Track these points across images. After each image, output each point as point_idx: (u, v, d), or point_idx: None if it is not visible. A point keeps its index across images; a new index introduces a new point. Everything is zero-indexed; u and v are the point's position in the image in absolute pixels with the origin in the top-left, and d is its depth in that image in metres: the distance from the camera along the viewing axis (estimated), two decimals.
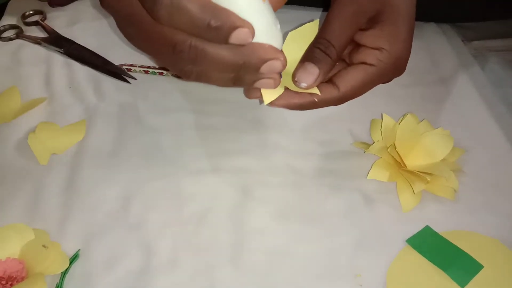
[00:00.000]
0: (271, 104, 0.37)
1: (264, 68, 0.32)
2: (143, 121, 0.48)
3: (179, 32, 0.30)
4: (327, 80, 0.39)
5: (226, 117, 0.49)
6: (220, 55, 0.31)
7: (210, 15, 0.29)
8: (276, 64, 0.32)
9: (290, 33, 0.38)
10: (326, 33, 0.37)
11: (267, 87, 0.35)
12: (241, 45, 0.31)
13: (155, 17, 0.30)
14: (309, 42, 0.38)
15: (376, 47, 0.38)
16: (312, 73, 0.36)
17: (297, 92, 0.37)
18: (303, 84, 0.36)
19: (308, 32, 0.38)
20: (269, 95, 0.36)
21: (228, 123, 0.48)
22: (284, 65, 0.33)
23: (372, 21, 0.38)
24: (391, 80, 0.40)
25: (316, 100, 0.38)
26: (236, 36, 0.30)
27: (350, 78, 0.38)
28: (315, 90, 0.37)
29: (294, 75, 0.37)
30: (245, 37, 0.30)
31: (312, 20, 0.38)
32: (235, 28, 0.29)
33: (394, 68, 0.39)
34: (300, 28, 0.38)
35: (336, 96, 0.38)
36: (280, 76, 0.36)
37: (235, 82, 0.34)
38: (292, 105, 0.38)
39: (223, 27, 0.29)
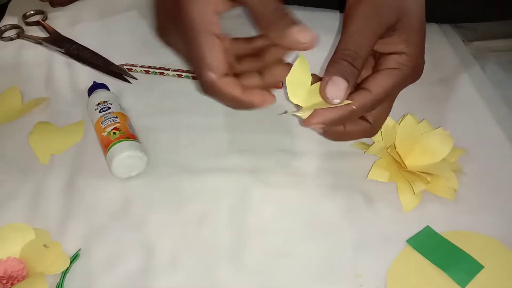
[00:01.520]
0: (310, 125, 0.37)
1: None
2: (143, 120, 0.48)
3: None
4: (355, 89, 0.38)
5: (226, 117, 0.49)
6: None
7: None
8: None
9: (286, 79, 0.38)
10: (352, 43, 0.36)
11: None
12: None
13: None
14: (305, 74, 0.38)
15: (395, 52, 0.38)
16: (342, 88, 0.35)
17: (332, 107, 0.37)
18: (336, 101, 0.36)
19: (299, 68, 0.38)
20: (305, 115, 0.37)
21: (228, 123, 0.48)
22: None
23: (391, 29, 0.38)
24: (409, 84, 0.40)
25: (354, 107, 0.37)
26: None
27: (379, 81, 0.37)
28: (346, 102, 0.37)
29: (324, 92, 0.36)
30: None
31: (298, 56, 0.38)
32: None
33: (414, 73, 0.39)
34: (291, 70, 0.37)
35: (370, 99, 0.37)
36: None
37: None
38: (331, 120, 0.37)
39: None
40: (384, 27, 0.37)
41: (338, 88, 0.36)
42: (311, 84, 0.38)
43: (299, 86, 0.38)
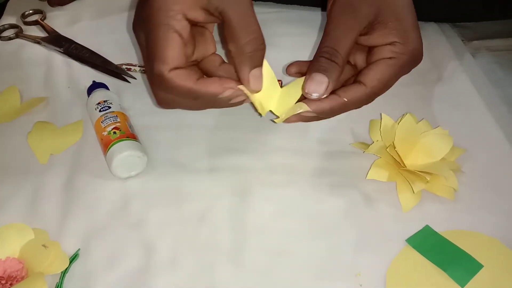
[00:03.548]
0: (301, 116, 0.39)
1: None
2: (142, 120, 0.48)
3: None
4: (353, 82, 0.39)
5: (225, 116, 0.49)
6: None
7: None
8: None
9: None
10: (328, 41, 0.38)
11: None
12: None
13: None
14: (271, 80, 0.39)
15: (388, 43, 0.38)
16: (321, 82, 0.37)
17: (327, 97, 0.38)
18: (315, 95, 0.37)
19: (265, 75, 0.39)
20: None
21: (227, 122, 0.48)
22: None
23: (375, 23, 0.38)
24: (410, 70, 0.41)
25: (346, 99, 0.38)
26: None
27: (374, 73, 0.38)
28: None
29: (304, 88, 0.37)
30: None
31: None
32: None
33: (413, 59, 0.39)
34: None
35: (365, 92, 0.38)
36: None
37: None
38: (322, 110, 0.38)
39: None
40: (362, 22, 0.38)
41: (316, 83, 0.37)
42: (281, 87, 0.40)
43: (269, 92, 0.39)
